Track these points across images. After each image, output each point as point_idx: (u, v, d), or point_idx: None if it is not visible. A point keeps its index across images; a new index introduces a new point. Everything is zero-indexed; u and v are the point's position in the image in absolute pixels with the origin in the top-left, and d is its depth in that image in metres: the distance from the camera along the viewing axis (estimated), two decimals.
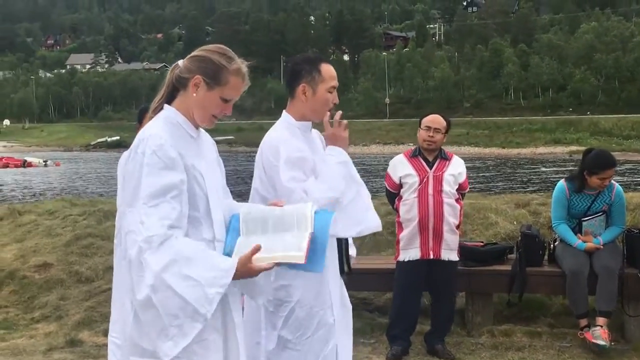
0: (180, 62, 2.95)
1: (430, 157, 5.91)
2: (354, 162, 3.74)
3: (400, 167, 5.92)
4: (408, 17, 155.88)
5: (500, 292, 6.72)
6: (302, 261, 2.77)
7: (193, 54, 2.96)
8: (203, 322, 2.68)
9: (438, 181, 5.79)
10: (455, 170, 5.89)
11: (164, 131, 2.83)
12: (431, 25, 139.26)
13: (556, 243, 6.50)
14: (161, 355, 2.67)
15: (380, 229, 3.72)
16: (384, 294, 7.14)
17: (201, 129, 3.02)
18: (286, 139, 3.62)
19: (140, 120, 5.80)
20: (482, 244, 6.84)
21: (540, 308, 6.85)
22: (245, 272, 2.75)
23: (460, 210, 5.93)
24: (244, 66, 2.94)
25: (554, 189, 6.50)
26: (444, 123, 5.94)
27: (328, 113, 3.77)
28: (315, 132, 3.90)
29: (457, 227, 5.91)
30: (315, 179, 3.52)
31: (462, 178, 5.93)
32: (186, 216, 2.76)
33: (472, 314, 6.58)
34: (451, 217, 5.81)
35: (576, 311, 6.14)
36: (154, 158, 2.73)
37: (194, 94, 2.89)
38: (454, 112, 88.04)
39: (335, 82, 3.73)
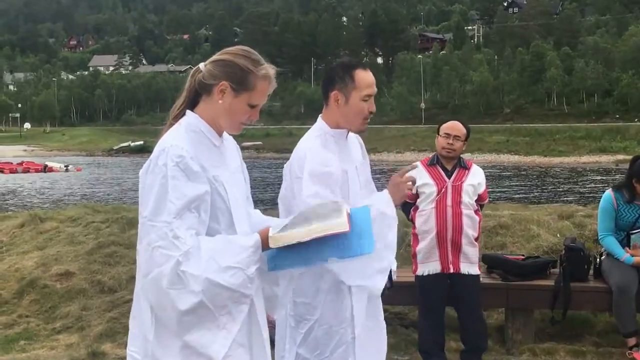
0: (202, 66, 2.93)
1: (449, 165, 5.85)
2: (386, 169, 3.73)
3: (417, 176, 5.76)
4: (445, 18, 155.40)
5: (542, 309, 6.66)
6: (346, 228, 2.76)
7: (216, 57, 2.93)
8: (248, 302, 2.80)
9: (457, 192, 5.73)
10: (475, 180, 5.82)
11: (185, 141, 2.82)
12: (470, 27, 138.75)
13: (602, 257, 6.43)
14: (212, 355, 2.74)
15: (378, 295, 3.58)
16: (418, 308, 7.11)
17: (225, 134, 3.02)
18: (315, 150, 3.62)
19: None
20: (523, 257, 6.80)
21: (585, 326, 6.79)
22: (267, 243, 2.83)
23: (479, 222, 5.88)
24: (271, 69, 2.93)
25: (600, 200, 6.44)
26: (464, 130, 5.88)
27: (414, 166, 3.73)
28: (353, 137, 3.91)
29: (476, 239, 5.86)
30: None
31: (482, 188, 5.86)
32: (206, 224, 2.80)
33: (512, 332, 6.53)
34: (470, 229, 5.75)
35: (623, 329, 6.07)
36: (177, 171, 2.74)
37: (220, 101, 2.87)
38: (493, 118, 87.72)
39: (370, 90, 3.71)
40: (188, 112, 2.92)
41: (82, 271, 8.36)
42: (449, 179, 5.77)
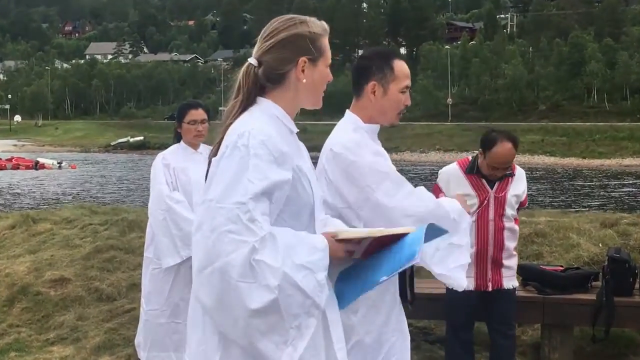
0: (254, 61, 2.86)
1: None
2: (409, 170, 3.78)
3: (456, 184, 5.71)
4: (476, 5, 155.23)
5: (582, 325, 6.63)
6: (409, 230, 2.78)
7: (269, 43, 2.84)
8: (319, 315, 2.64)
9: (500, 204, 5.66)
10: (519, 188, 5.75)
11: (267, 124, 2.75)
12: (502, 15, 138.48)
13: None
14: None
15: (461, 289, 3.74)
16: (445, 324, 7.10)
17: None
18: (368, 144, 3.68)
19: (181, 118, 5.90)
20: (562, 268, 6.77)
21: (630, 345, 6.76)
22: (332, 248, 2.73)
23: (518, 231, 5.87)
24: (322, 22, 2.96)
25: None
26: (514, 158, 5.64)
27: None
28: None
29: (515, 247, 5.86)
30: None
31: (524, 196, 5.82)
32: (273, 217, 2.68)
33: (549, 350, 6.50)
34: (510, 242, 5.74)
35: None
36: (264, 149, 2.65)
37: (304, 80, 2.85)
38: (526, 116, 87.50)
39: (408, 82, 3.76)
40: (259, 99, 2.86)
41: (78, 277, 8.39)
42: (492, 189, 5.68)
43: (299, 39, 2.83)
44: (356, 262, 2.87)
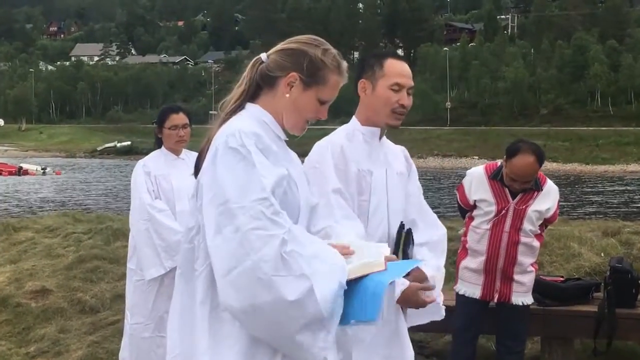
0: (264, 56, 2.96)
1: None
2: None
3: (477, 188, 5.76)
4: (475, 5, 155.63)
5: (583, 338, 6.64)
6: (382, 268, 2.76)
7: (283, 46, 2.96)
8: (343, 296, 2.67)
9: (518, 217, 5.65)
10: (544, 205, 5.69)
11: (255, 126, 2.81)
12: (503, 16, 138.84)
13: None
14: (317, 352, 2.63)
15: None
16: (443, 336, 7.10)
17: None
18: (335, 142, 3.74)
19: (161, 123, 5.87)
20: (562, 279, 6.77)
21: (632, 358, 6.76)
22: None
23: (540, 245, 5.85)
24: (344, 62, 2.98)
25: None
26: (535, 173, 5.57)
27: None
28: (397, 148, 4.00)
29: (534, 263, 5.83)
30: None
31: (550, 213, 5.75)
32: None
33: None
34: (526, 257, 5.71)
35: None
36: (259, 147, 2.72)
37: (287, 95, 2.90)
38: (528, 120, 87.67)
39: (401, 80, 3.77)
40: (248, 104, 2.95)
41: (61, 288, 8.37)
42: (513, 199, 5.65)
43: (303, 55, 2.89)
44: None
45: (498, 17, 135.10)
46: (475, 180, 5.81)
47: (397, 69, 3.79)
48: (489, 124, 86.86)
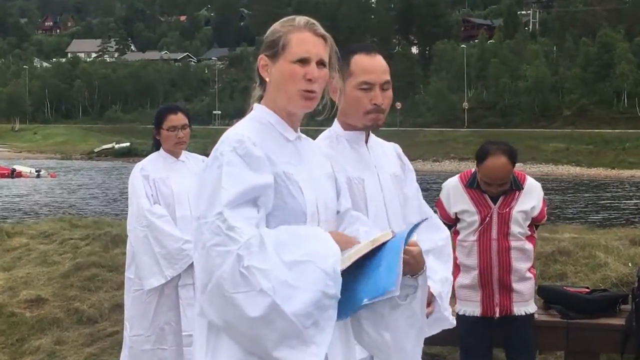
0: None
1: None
2: (420, 181, 3.75)
3: (455, 199, 5.72)
4: (494, 0, 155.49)
5: (609, 353, 6.62)
6: (390, 235, 2.82)
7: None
8: (335, 305, 2.69)
9: (504, 221, 5.62)
10: (528, 204, 5.67)
11: (249, 129, 2.90)
12: (524, 12, 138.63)
13: None
14: None
15: None
16: (457, 351, 7.09)
17: (302, 135, 3.08)
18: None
19: (159, 124, 5.87)
20: (587, 290, 6.75)
21: None
22: (339, 240, 2.81)
23: (534, 249, 5.82)
24: (299, 17, 3.02)
25: None
26: (509, 174, 5.57)
27: None
28: (389, 146, 3.94)
29: (531, 268, 5.81)
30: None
31: (536, 212, 5.73)
32: (264, 222, 2.78)
33: None
34: (521, 262, 5.68)
35: None
36: (234, 157, 2.78)
37: (267, 78, 2.98)
38: (550, 122, 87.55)
39: (369, 77, 3.67)
40: (255, 105, 3.04)
41: (57, 297, 8.39)
42: (495, 204, 5.63)
43: (267, 37, 2.99)
44: None
45: (519, 12, 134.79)
46: (452, 192, 5.77)
47: (364, 66, 3.68)
48: (509, 126, 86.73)
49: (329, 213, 3.01)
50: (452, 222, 5.77)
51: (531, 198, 5.70)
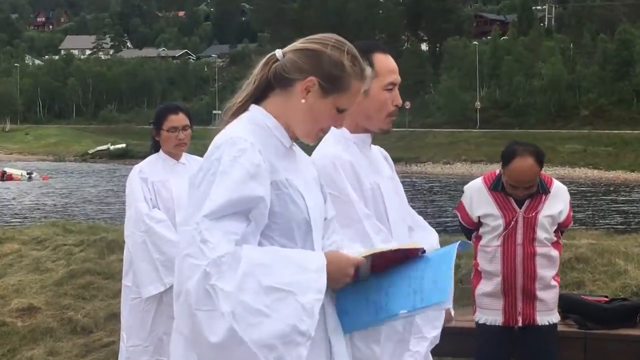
0: (280, 53, 2.96)
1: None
2: (430, 184, 3.76)
3: (479, 202, 5.72)
4: None
5: None
6: (420, 246, 2.89)
7: (302, 45, 2.95)
8: (307, 344, 2.63)
9: (530, 226, 5.62)
10: (555, 208, 5.67)
11: (250, 133, 2.83)
12: (539, 7, 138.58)
13: None
14: None
15: None
16: None
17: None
18: (343, 157, 3.63)
19: (159, 125, 5.87)
20: (606, 299, 6.75)
21: None
22: (336, 268, 2.76)
23: (559, 256, 5.82)
24: (368, 67, 3.01)
25: None
26: (537, 176, 5.58)
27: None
28: (376, 150, 3.91)
29: (555, 276, 5.80)
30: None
31: (563, 217, 5.73)
32: (256, 236, 2.74)
33: None
34: (546, 269, 5.68)
35: None
36: (235, 165, 2.72)
37: (303, 100, 2.89)
38: (566, 122, 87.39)
39: (394, 77, 3.71)
40: (252, 106, 2.96)
41: (50, 306, 8.40)
42: (520, 208, 5.62)
43: (324, 59, 2.89)
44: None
45: (533, 7, 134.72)
46: (476, 195, 5.77)
47: (389, 66, 3.70)
48: (523, 127, 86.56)
49: (320, 220, 3.00)
50: (473, 227, 5.79)
51: (558, 202, 5.70)
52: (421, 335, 3.70)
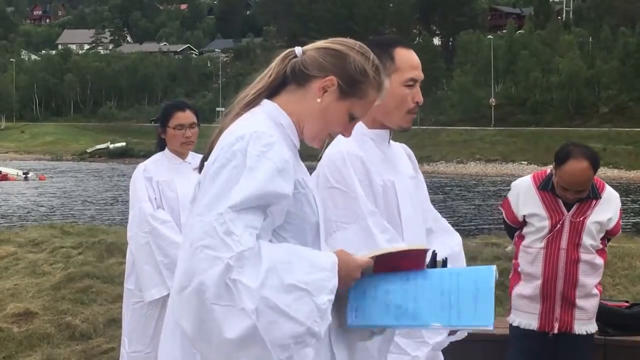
0: (299, 50, 2.97)
1: None
2: (444, 184, 3.77)
3: (526, 201, 5.72)
4: None
5: None
6: (425, 247, 2.91)
7: (325, 45, 2.98)
8: (315, 345, 2.67)
9: (576, 231, 5.61)
10: (604, 214, 5.65)
11: (272, 129, 2.83)
12: None
13: None
14: None
15: None
16: None
17: None
18: (357, 154, 3.64)
19: (165, 122, 5.88)
20: (627, 304, 6.75)
21: None
22: (344, 269, 2.77)
23: (604, 263, 5.81)
24: (387, 79, 3.05)
25: None
26: (590, 180, 5.54)
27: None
28: (399, 147, 3.92)
29: (597, 285, 5.80)
30: None
31: (612, 224, 5.71)
32: (269, 234, 2.75)
33: None
34: (589, 277, 5.68)
35: None
36: (262, 160, 2.71)
37: (319, 99, 2.91)
38: (585, 120, 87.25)
39: (416, 73, 3.74)
40: (265, 101, 2.96)
41: (47, 311, 8.40)
42: (568, 211, 5.62)
43: (348, 61, 2.91)
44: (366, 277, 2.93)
45: (551, 0, 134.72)
46: (523, 193, 5.77)
47: (411, 61, 3.73)
48: (540, 124, 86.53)
49: (323, 224, 3.02)
50: (518, 225, 5.81)
51: (608, 209, 5.68)
52: (422, 339, 3.69)
